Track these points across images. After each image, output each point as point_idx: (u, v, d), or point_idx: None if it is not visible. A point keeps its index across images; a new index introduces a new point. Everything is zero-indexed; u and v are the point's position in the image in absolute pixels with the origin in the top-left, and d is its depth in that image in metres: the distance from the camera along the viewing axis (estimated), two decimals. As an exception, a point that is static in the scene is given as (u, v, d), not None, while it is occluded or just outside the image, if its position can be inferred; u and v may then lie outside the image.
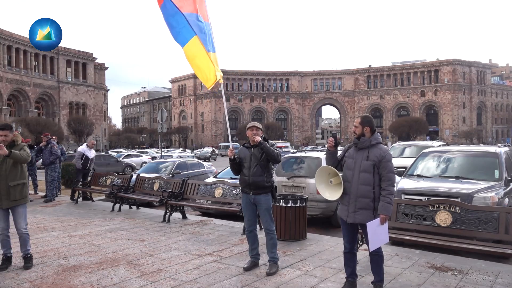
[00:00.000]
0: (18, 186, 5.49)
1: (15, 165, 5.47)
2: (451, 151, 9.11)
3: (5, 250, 5.59)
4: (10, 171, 5.43)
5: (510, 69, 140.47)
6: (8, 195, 5.41)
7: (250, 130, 5.41)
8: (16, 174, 5.48)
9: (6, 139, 5.44)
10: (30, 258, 5.68)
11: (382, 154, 4.37)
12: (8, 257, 5.63)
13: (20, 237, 5.59)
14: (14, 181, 5.45)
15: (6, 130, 5.47)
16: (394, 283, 4.93)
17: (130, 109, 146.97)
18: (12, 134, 5.58)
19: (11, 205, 5.47)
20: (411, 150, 15.71)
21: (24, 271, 5.43)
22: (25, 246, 5.62)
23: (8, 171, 5.41)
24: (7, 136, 5.45)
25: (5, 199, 5.41)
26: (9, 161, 5.39)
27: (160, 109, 21.49)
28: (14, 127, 40.41)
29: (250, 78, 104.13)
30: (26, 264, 5.60)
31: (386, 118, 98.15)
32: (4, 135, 5.42)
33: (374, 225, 4.24)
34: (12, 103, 66.74)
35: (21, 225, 5.55)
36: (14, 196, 5.45)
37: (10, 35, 64.40)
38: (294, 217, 7.01)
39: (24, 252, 5.64)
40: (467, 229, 5.55)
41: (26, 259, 5.64)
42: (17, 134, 5.82)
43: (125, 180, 11.21)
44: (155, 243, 7.04)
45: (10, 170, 5.43)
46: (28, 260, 5.64)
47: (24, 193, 5.58)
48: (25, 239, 5.60)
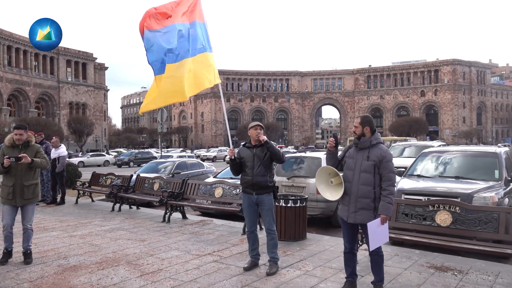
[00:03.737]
0: (31, 186, 5.79)
1: (30, 167, 5.73)
2: (451, 151, 9.11)
3: (7, 244, 5.79)
4: (26, 172, 5.72)
5: (510, 69, 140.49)
6: (22, 194, 5.69)
7: (254, 129, 5.37)
8: (30, 175, 5.79)
9: (21, 137, 5.70)
10: (30, 254, 5.85)
11: (383, 154, 4.36)
12: (9, 251, 5.82)
13: (25, 233, 5.80)
14: (28, 181, 5.75)
15: (22, 129, 5.73)
16: (394, 283, 4.93)
17: (130, 109, 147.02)
18: (26, 133, 5.83)
19: (24, 203, 5.75)
20: (411, 150, 15.72)
21: (24, 271, 5.43)
22: (27, 242, 5.82)
23: (24, 172, 5.70)
24: (22, 135, 5.71)
25: (19, 198, 5.70)
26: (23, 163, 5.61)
27: (160, 109, 21.41)
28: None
29: (250, 78, 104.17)
30: (27, 260, 5.75)
31: (386, 118, 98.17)
32: (19, 134, 5.68)
33: (375, 225, 4.23)
34: (12, 103, 66.76)
35: (29, 221, 5.82)
36: (27, 195, 5.75)
37: (10, 35, 64.42)
38: (294, 217, 7.01)
39: (25, 248, 5.82)
40: (467, 229, 5.55)
41: (26, 255, 5.81)
42: (31, 134, 6.10)
43: (125, 180, 11.21)
44: (155, 243, 7.04)
45: (25, 171, 5.71)
46: (28, 256, 5.81)
47: (36, 192, 5.89)
48: (29, 235, 5.82)
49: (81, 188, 12.26)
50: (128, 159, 42.19)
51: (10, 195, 5.66)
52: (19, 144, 5.71)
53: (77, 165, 24.86)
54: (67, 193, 12.76)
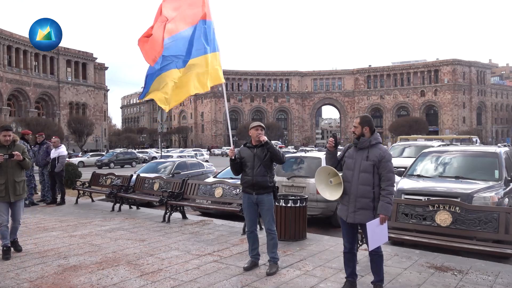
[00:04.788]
0: (21, 182, 6.26)
1: (19, 164, 6.21)
2: (450, 151, 9.11)
3: (4, 241, 6.10)
4: (15, 169, 6.17)
5: (510, 69, 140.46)
6: (14, 190, 6.12)
7: (255, 129, 5.38)
8: (19, 171, 6.26)
9: (10, 138, 6.19)
10: (17, 242, 6.43)
11: (382, 154, 4.37)
12: (9, 247, 6.15)
13: (14, 227, 6.32)
14: (19, 177, 6.21)
15: (10, 131, 6.27)
16: (394, 283, 4.93)
17: (130, 109, 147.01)
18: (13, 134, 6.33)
19: (16, 199, 6.17)
20: (410, 150, 15.72)
21: (24, 271, 5.44)
22: (15, 234, 6.37)
23: (14, 169, 6.15)
24: (10, 136, 6.20)
25: (12, 194, 6.10)
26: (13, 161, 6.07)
27: (160, 109, 21.45)
28: (14, 127, 40.99)
29: (250, 78, 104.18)
30: (17, 248, 6.33)
31: (386, 118, 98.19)
32: (8, 135, 6.18)
33: (374, 225, 4.24)
34: (12, 103, 66.76)
35: (19, 217, 6.33)
36: (19, 191, 6.19)
37: (10, 35, 64.42)
38: (294, 217, 7.01)
39: (13, 238, 6.34)
40: (467, 229, 5.55)
41: (15, 243, 6.36)
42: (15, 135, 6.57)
43: (125, 180, 11.21)
44: (155, 243, 7.04)
45: (15, 168, 6.16)
46: (17, 244, 6.39)
47: (25, 188, 6.38)
48: (17, 228, 6.39)
49: (81, 188, 12.26)
50: (109, 160, 40.24)
51: (3, 192, 6.02)
52: (6, 144, 6.15)
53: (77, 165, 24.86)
54: (67, 193, 12.76)
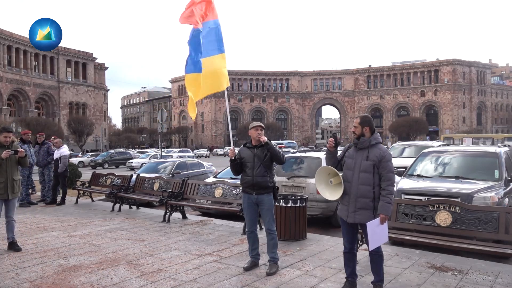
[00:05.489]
0: (18, 181, 6.54)
1: (15, 163, 6.49)
2: (450, 151, 9.11)
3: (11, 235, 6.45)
4: (13, 168, 6.46)
5: (510, 69, 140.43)
6: (12, 188, 6.39)
7: (255, 129, 5.38)
8: (16, 170, 6.56)
9: (10, 140, 6.47)
10: (16, 243, 6.52)
11: (382, 154, 4.37)
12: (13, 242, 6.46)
13: (9, 224, 6.50)
14: (16, 176, 6.50)
15: (11, 132, 6.54)
16: (394, 283, 4.93)
17: (130, 109, 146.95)
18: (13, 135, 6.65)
19: (13, 197, 6.43)
20: (410, 150, 15.72)
21: (24, 271, 5.44)
22: (12, 232, 6.51)
23: (12, 168, 6.43)
24: (10, 137, 6.48)
25: (11, 192, 6.37)
26: (12, 159, 6.38)
27: (160, 109, 21.49)
28: (14, 127, 41.25)
29: (250, 78, 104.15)
30: (16, 248, 6.41)
31: (386, 118, 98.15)
32: (9, 137, 6.44)
33: (374, 225, 4.24)
34: (12, 103, 66.75)
35: (12, 214, 6.54)
36: (16, 189, 6.46)
37: (10, 35, 64.39)
38: (294, 217, 7.01)
39: (11, 238, 6.50)
40: (467, 229, 5.55)
41: (13, 244, 6.46)
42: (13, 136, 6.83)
43: (125, 180, 11.21)
44: (155, 243, 7.04)
45: (13, 167, 6.45)
46: (15, 244, 6.48)
47: (20, 186, 6.68)
48: (13, 225, 6.53)
49: (81, 188, 12.26)
50: (103, 160, 39.78)
51: (2, 190, 6.28)
52: (6, 144, 6.39)
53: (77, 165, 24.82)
54: (67, 193, 12.76)
